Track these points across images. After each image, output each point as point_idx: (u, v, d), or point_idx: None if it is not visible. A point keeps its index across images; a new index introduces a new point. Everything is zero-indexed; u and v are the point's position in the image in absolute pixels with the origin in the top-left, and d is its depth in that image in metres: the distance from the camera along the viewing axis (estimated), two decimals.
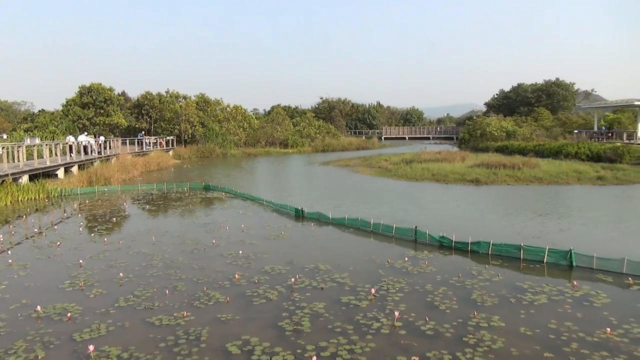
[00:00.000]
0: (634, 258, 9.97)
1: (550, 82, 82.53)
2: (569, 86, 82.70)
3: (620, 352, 6.54)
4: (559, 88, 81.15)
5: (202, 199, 21.31)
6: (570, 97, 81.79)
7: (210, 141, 52.47)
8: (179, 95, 59.61)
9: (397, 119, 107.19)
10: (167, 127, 53.73)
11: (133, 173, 31.93)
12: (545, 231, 13.93)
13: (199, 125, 54.16)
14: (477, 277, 9.83)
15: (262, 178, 32.35)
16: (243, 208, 18.61)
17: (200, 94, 61.53)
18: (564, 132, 53.52)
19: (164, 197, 22.36)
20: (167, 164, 40.18)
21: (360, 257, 11.49)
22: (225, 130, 56.28)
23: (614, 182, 24.65)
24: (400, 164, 33.37)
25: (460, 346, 6.78)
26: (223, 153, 51.86)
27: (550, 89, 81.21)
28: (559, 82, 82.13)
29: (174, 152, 48.78)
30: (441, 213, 16.92)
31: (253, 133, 60.46)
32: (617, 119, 54.68)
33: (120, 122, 50.60)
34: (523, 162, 29.81)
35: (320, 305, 8.39)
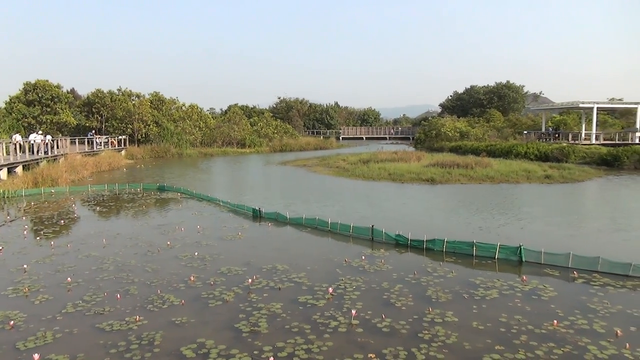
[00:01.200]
0: (579, 252, 10.44)
1: (501, 85, 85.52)
2: (519, 89, 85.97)
3: (566, 343, 6.82)
4: (510, 90, 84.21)
5: (156, 200, 20.77)
6: (520, 99, 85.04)
7: (165, 141, 51.26)
8: (132, 93, 57.84)
9: (355, 119, 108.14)
10: (120, 126, 52.03)
11: (83, 174, 30.73)
12: (497, 228, 14.39)
13: (153, 125, 52.76)
14: (432, 274, 10.03)
15: (218, 178, 31.88)
16: (199, 209, 18.26)
17: (155, 93, 59.97)
18: (514, 133, 55.57)
19: (115, 198, 21.64)
20: (119, 164, 38.94)
21: (318, 256, 11.50)
22: (180, 129, 55.10)
23: (561, 181, 25.79)
24: (357, 163, 33.67)
25: (416, 342, 6.88)
26: (178, 153, 50.77)
27: (501, 91, 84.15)
28: (509, 85, 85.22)
29: (126, 151, 47.33)
30: (397, 212, 17.18)
31: (209, 133, 59.47)
32: (563, 121, 57.29)
33: (69, 121, 48.58)
34: (476, 161, 30.70)
35: (277, 305, 8.33)
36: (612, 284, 9.31)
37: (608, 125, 56.30)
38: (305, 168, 34.91)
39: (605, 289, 9.06)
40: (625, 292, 8.90)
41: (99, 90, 54.05)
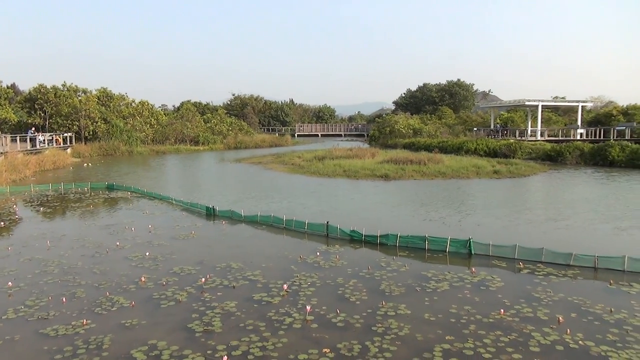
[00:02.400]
0: (524, 244, 10.90)
1: (453, 83, 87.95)
2: (469, 87, 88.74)
3: (512, 331, 7.10)
4: (460, 88, 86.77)
5: (104, 200, 20.06)
6: (470, 97, 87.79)
7: (114, 138, 49.58)
8: (77, 89, 55.60)
9: (310, 116, 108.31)
10: (65, 123, 49.87)
11: (25, 173, 29.23)
12: (448, 222, 14.80)
13: (101, 122, 50.90)
14: (385, 268, 10.19)
15: (171, 176, 31.16)
16: (150, 208, 17.78)
17: (102, 88, 57.90)
18: (465, 130, 57.27)
19: (61, 198, 20.74)
20: (65, 162, 37.32)
21: (273, 253, 11.45)
22: (130, 126, 53.47)
23: (508, 176, 26.81)
24: (312, 160, 33.73)
25: (370, 335, 6.98)
26: (129, 151, 49.22)
27: (452, 89, 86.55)
28: (460, 83, 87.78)
29: (72, 150, 45.42)
30: (352, 208, 17.35)
31: (161, 130, 58.01)
32: (510, 118, 59.58)
33: (9, 117, 46.15)
34: (428, 158, 31.39)
35: (231, 304, 8.23)
36: (554, 273, 9.77)
37: (552, 123, 58.92)
38: (260, 165, 34.67)
39: (548, 278, 9.50)
40: (566, 281, 9.36)
41: (42, 86, 51.61)
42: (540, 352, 6.46)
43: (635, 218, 15.15)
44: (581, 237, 12.99)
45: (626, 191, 21.21)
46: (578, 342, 6.72)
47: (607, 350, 6.50)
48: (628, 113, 53.93)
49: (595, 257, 10.08)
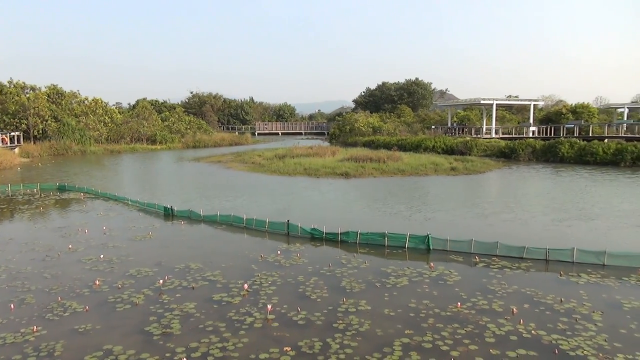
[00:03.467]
0: (480, 239, 11.21)
1: (411, 82, 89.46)
2: (427, 85, 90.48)
3: (468, 323, 7.29)
4: (419, 87, 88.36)
5: (56, 201, 19.28)
6: (428, 95, 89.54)
7: (66, 137, 47.69)
8: (25, 85, 53.20)
9: (270, 114, 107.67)
10: (12, 122, 47.59)
11: None
12: (408, 218, 15.04)
13: (51, 120, 48.86)
14: (346, 265, 10.26)
15: (127, 176, 30.27)
16: (105, 209, 17.22)
17: (52, 85, 55.63)
18: (423, 128, 58.37)
19: (8, 200, 19.80)
20: (12, 162, 35.63)
21: (233, 253, 11.32)
22: (83, 125, 51.60)
23: (465, 172, 27.51)
24: (273, 159, 33.57)
25: (331, 332, 7.01)
26: (81, 150, 47.48)
27: (410, 88, 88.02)
28: (418, 82, 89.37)
29: (20, 149, 43.41)
30: (313, 206, 17.37)
31: (116, 128, 56.27)
32: (467, 116, 61.20)
33: None
34: (388, 155, 31.82)
35: (191, 305, 8.09)
36: (508, 266, 10.10)
37: (506, 121, 60.90)
38: (220, 164, 34.19)
39: (503, 271, 9.81)
40: (520, 273, 9.69)
41: None
42: (495, 343, 6.66)
43: (575, 210, 15.84)
44: (530, 230, 13.46)
45: (570, 185, 22.15)
46: (531, 332, 6.97)
47: (558, 338, 6.77)
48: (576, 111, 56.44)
49: (547, 250, 10.49)
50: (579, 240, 11.85)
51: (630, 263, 9.94)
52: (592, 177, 25.00)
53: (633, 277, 9.38)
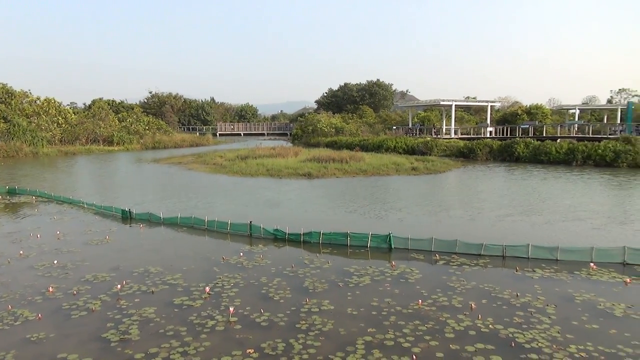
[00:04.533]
0: (440, 237, 11.44)
1: (372, 83, 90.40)
2: (388, 87, 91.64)
3: (429, 320, 7.42)
4: (380, 88, 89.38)
5: (5, 205, 18.44)
6: (389, 96, 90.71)
7: (16, 139, 45.66)
8: None
9: (232, 115, 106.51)
10: None
11: None
12: (370, 218, 15.19)
13: (0, 120, 46.72)
14: (309, 265, 10.26)
15: (82, 179, 29.27)
16: (59, 213, 16.59)
17: (1, 85, 53.22)
18: (384, 128, 59.15)
19: None
20: None
21: (194, 256, 11.13)
22: (35, 126, 49.56)
23: (425, 172, 28.04)
24: (235, 160, 33.24)
25: (294, 333, 6.99)
26: (33, 152, 45.56)
27: (372, 89, 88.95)
28: (379, 83, 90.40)
29: None
30: (276, 206, 17.30)
31: (71, 129, 54.30)
32: (427, 117, 62.39)
33: None
34: (350, 156, 32.07)
35: (150, 310, 7.90)
36: (467, 263, 10.35)
37: (465, 121, 62.51)
38: (180, 165, 33.57)
39: (462, 268, 10.04)
40: (478, 270, 9.95)
41: None
42: (455, 338, 6.81)
43: (528, 207, 16.43)
44: (487, 227, 13.85)
45: (523, 184, 22.94)
46: (488, 326, 7.17)
47: (514, 331, 6.99)
48: (531, 112, 58.56)
49: (503, 247, 10.81)
50: (534, 235, 12.28)
51: (581, 257, 10.37)
52: (543, 176, 25.96)
53: (584, 270, 9.79)
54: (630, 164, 29.65)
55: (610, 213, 15.68)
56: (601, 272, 9.68)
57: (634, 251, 10.35)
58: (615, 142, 31.65)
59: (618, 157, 30.11)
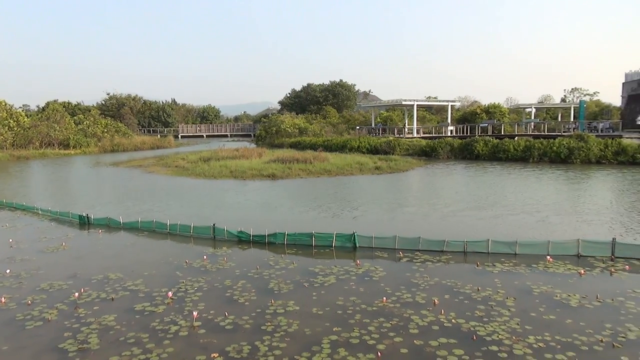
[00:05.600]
0: (403, 234, 11.59)
1: (335, 83, 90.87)
2: (351, 87, 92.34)
3: (394, 316, 7.51)
4: (343, 89, 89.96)
5: None
6: (352, 96, 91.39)
7: None
8: None
9: (194, 116, 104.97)
10: None
11: None
12: (335, 217, 15.24)
13: None
14: (274, 267, 10.20)
15: (36, 184, 28.13)
16: (12, 220, 15.90)
17: None
18: (348, 129, 59.50)
19: None
20: None
21: (156, 260, 10.88)
22: None
23: (389, 171, 28.38)
24: (198, 162, 32.72)
25: (259, 335, 6.93)
26: None
27: (335, 89, 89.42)
28: (342, 83, 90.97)
29: None
30: (240, 208, 17.12)
31: (23, 133, 52.14)
32: (389, 117, 63.20)
33: None
34: (314, 156, 32.09)
35: (110, 317, 7.67)
36: (430, 259, 10.53)
37: (426, 121, 63.63)
38: (141, 168, 32.78)
39: (425, 264, 10.21)
40: (440, 266, 10.13)
41: None
42: (419, 334, 6.91)
43: (487, 203, 16.89)
44: (449, 223, 14.14)
45: (480, 180, 23.57)
46: (451, 321, 7.31)
47: (476, 325, 7.15)
48: (489, 111, 60.21)
49: (465, 242, 11.05)
50: (483, 229, 12.64)
51: (538, 251, 10.72)
52: (499, 173, 26.74)
53: (541, 263, 10.12)
54: (583, 160, 30.89)
55: (555, 206, 16.28)
56: (557, 265, 10.04)
57: (587, 243, 10.78)
58: (569, 140, 32.93)
59: (572, 154, 31.34)
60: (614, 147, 30.96)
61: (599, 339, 6.67)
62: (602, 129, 39.59)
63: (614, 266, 9.95)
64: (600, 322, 7.24)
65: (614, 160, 30.37)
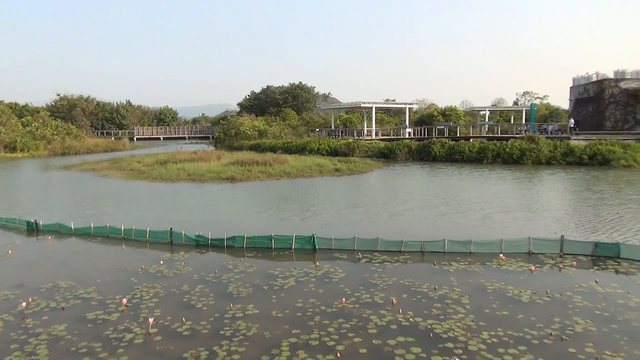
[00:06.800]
0: (362, 235, 11.70)
1: (295, 86, 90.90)
2: (311, 89, 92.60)
3: (353, 317, 7.56)
4: (303, 91, 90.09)
5: None
6: (312, 99, 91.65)
7: None
8: None
9: (150, 118, 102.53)
10: None
11: None
12: (294, 219, 15.21)
13: None
14: (233, 270, 10.08)
15: None
16: None
17: None
18: (307, 131, 59.63)
19: None
20: None
21: (110, 267, 10.54)
22: None
23: (348, 173, 28.61)
24: (154, 165, 31.95)
25: (218, 340, 6.83)
26: None
27: (295, 92, 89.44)
28: (302, 86, 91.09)
29: None
30: (198, 212, 16.83)
31: None
32: (349, 119, 63.75)
33: None
34: (274, 158, 31.97)
35: (60, 327, 7.36)
36: (389, 260, 10.67)
37: (385, 123, 64.61)
38: (94, 172, 31.69)
39: (383, 265, 10.33)
40: (398, 266, 10.29)
41: None
42: (377, 333, 6.98)
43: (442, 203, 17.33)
44: (407, 223, 14.38)
45: (437, 180, 24.15)
46: (409, 320, 7.42)
47: (433, 323, 7.29)
48: (446, 114, 61.78)
49: (422, 242, 11.27)
50: (447, 230, 12.93)
51: (491, 249, 11.05)
52: (451, 173, 27.46)
53: (494, 261, 10.44)
54: (534, 161, 32.13)
55: (499, 204, 16.88)
56: (510, 262, 10.39)
57: (538, 241, 11.22)
58: (521, 141, 34.17)
59: (523, 155, 32.54)
60: (562, 149, 32.37)
61: (548, 333, 6.94)
62: (551, 131, 41.29)
63: (563, 262, 10.39)
64: (549, 316, 7.54)
65: (563, 161, 31.77)
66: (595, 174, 26.59)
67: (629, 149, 31.00)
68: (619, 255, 10.64)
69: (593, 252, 10.88)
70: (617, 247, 10.80)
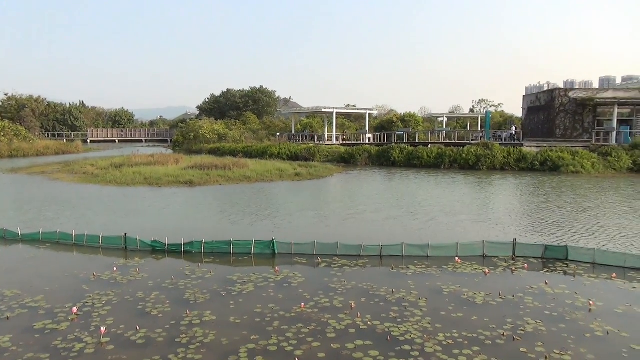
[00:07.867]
0: (322, 240, 11.72)
1: (256, 89, 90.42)
2: (272, 93, 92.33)
3: (312, 322, 7.55)
4: (263, 95, 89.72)
5: None
6: (273, 103, 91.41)
7: None
8: None
9: (105, 120, 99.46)
10: None
11: None
12: (254, 224, 15.07)
13: None
14: (190, 276, 9.88)
15: None
16: None
17: None
18: (268, 135, 59.30)
19: None
20: None
21: (59, 274, 10.13)
22: None
23: (308, 177, 28.63)
24: (109, 168, 30.94)
25: (173, 348, 6.66)
26: None
27: (256, 96, 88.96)
28: (263, 90, 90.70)
29: None
30: (154, 217, 16.43)
31: None
32: (310, 124, 63.86)
33: None
34: (234, 162, 31.61)
35: (5, 338, 7.01)
36: (348, 264, 10.73)
37: (346, 128, 65.06)
38: (44, 175, 30.39)
39: (342, 269, 10.38)
40: (357, 270, 10.36)
41: None
42: (336, 337, 7.00)
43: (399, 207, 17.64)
44: (366, 228, 14.53)
45: (395, 185, 24.55)
46: (367, 323, 7.48)
47: (390, 326, 7.38)
48: (405, 120, 62.89)
49: (380, 246, 11.40)
50: (406, 234, 13.14)
51: (447, 253, 11.31)
52: (407, 178, 28.00)
53: (450, 265, 10.68)
54: (489, 167, 33.15)
55: (447, 207, 17.35)
56: (465, 265, 10.65)
57: (491, 244, 11.56)
58: (477, 147, 35.19)
59: (479, 161, 33.52)
60: (515, 155, 33.55)
61: (501, 333, 7.15)
62: (505, 138, 42.73)
63: (515, 265, 10.75)
64: (502, 317, 7.77)
65: (516, 166, 32.92)
66: (543, 179, 27.74)
67: (577, 156, 32.44)
68: (567, 257, 11.11)
69: (543, 254, 11.32)
70: (566, 249, 11.27)
